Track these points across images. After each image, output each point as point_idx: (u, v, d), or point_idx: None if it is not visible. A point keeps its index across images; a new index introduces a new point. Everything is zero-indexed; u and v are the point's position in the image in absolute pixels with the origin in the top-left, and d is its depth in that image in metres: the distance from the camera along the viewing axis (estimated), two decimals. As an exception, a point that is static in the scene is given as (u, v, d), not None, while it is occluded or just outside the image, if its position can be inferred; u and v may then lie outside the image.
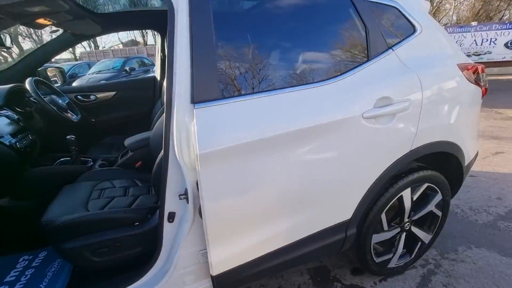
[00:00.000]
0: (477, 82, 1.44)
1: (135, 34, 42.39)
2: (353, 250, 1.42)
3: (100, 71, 8.91)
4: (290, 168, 1.03)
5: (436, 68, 1.31)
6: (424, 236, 1.54)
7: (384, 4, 1.27)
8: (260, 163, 0.97)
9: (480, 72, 1.46)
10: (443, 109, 1.32)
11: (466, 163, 1.50)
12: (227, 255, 1.02)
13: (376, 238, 1.39)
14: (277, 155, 0.99)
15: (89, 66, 10.14)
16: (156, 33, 2.60)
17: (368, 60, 1.17)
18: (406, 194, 1.37)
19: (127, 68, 8.85)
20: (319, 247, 1.21)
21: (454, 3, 33.20)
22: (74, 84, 7.94)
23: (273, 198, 1.04)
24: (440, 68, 1.33)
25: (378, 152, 1.19)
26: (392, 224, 1.44)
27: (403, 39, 1.27)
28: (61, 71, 2.59)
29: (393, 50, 1.23)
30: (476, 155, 1.67)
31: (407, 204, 1.40)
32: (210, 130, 0.89)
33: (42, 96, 1.84)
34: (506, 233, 1.87)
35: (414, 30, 1.31)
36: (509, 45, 9.24)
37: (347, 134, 1.09)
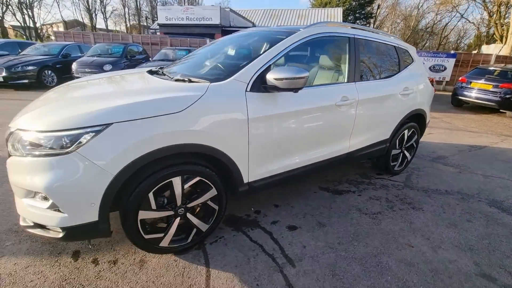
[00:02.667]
0: (432, 85, 3.27)
1: (82, 14, 37.62)
2: (383, 158, 3.08)
3: (100, 54, 9.23)
4: (374, 111, 2.62)
5: (421, 77, 3.07)
6: (409, 155, 3.30)
7: (403, 48, 2.98)
8: (367, 107, 2.53)
9: (433, 81, 3.30)
10: (423, 94, 3.09)
11: (427, 121, 3.33)
12: (354, 144, 2.56)
13: (393, 152, 3.08)
14: (373, 105, 2.57)
15: (80, 48, 10.18)
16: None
17: (399, 72, 2.86)
18: (406, 133, 3.10)
19: (128, 55, 9.40)
20: (378, 148, 2.83)
21: (390, 27, 39.44)
22: (78, 66, 8.23)
23: (369, 121, 2.62)
24: (422, 78, 3.10)
25: (401, 109, 2.87)
26: (398, 147, 3.15)
27: (409, 64, 3.00)
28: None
29: (406, 68, 2.94)
30: (429, 120, 3.51)
31: (406, 137, 3.13)
32: (358, 90, 2.41)
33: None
34: (438, 164, 3.79)
35: (413, 61, 3.06)
36: (431, 68, 12.54)
37: (393, 99, 2.74)
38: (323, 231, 2.16)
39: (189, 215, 1.78)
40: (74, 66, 8.42)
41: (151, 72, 2.36)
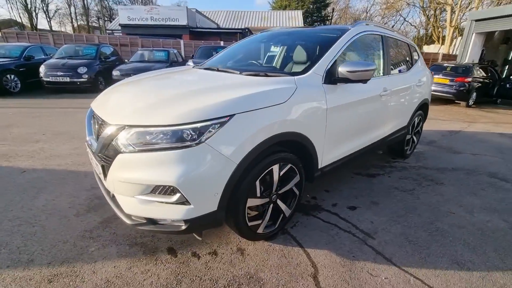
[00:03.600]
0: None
1: (20, 13, 33.23)
2: (399, 143, 3.46)
3: (71, 56, 8.49)
4: (400, 100, 2.96)
5: (425, 71, 3.52)
6: (416, 140, 3.75)
7: (413, 45, 3.40)
8: (396, 97, 2.86)
9: (432, 74, 3.80)
10: (427, 85, 3.55)
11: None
12: (386, 130, 2.86)
13: (407, 137, 3.48)
14: (400, 95, 2.91)
15: (43, 49, 9.21)
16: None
17: (412, 66, 3.26)
18: (416, 120, 3.53)
19: (102, 57, 8.82)
20: (399, 134, 3.18)
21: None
22: (43, 68, 7.49)
23: (397, 110, 2.95)
24: (425, 71, 3.56)
25: (416, 99, 3.28)
26: (410, 133, 3.56)
27: (418, 59, 3.43)
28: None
29: (417, 63, 3.36)
30: (428, 109, 4.03)
31: (416, 124, 3.56)
32: (391, 82, 2.72)
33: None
34: (433, 147, 4.34)
35: (419, 56, 3.50)
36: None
37: (412, 90, 3.12)
38: (379, 208, 2.41)
39: (278, 201, 1.88)
40: (42, 69, 7.65)
41: (205, 69, 2.38)
